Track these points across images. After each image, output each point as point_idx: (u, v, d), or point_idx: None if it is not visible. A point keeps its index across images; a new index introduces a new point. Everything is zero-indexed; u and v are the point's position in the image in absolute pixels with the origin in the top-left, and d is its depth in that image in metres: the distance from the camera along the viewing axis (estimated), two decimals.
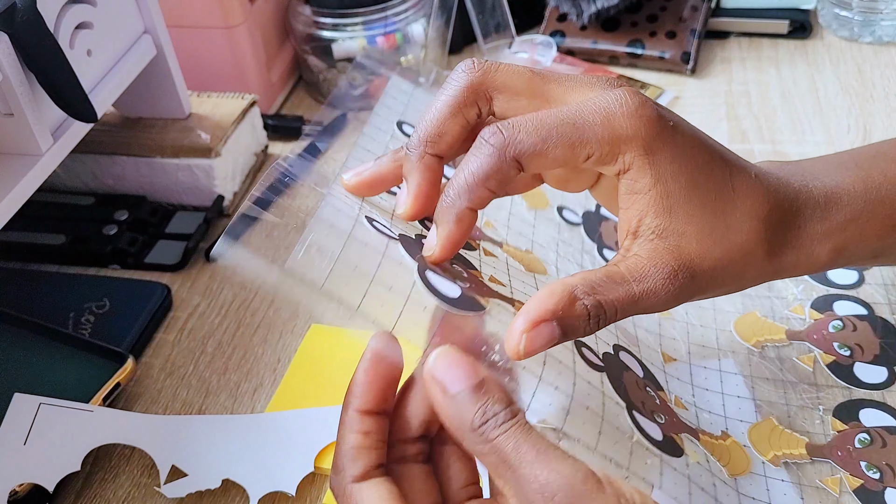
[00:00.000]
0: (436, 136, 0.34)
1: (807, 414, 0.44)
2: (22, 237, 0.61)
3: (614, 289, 0.33)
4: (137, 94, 0.61)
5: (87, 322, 0.54)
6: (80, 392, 0.47)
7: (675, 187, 0.34)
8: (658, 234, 0.34)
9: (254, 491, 0.43)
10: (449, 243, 0.34)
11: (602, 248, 0.54)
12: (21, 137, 0.48)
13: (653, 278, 0.33)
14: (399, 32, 0.72)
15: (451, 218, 0.33)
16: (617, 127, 0.33)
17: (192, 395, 0.51)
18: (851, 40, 0.78)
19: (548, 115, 0.33)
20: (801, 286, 0.51)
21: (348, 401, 0.32)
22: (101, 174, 0.64)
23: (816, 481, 0.42)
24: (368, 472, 0.31)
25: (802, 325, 0.49)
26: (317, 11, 0.72)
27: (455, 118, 0.35)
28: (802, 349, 0.48)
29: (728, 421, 0.44)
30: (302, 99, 0.78)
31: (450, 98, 0.35)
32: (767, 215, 0.36)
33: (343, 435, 0.32)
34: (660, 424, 0.41)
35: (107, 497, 0.46)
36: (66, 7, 0.50)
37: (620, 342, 0.45)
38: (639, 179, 0.34)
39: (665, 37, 0.76)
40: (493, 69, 0.35)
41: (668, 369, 0.46)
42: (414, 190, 0.35)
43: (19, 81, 0.47)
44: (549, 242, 0.52)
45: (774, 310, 0.50)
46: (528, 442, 0.29)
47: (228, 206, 0.64)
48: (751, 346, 0.48)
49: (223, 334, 0.55)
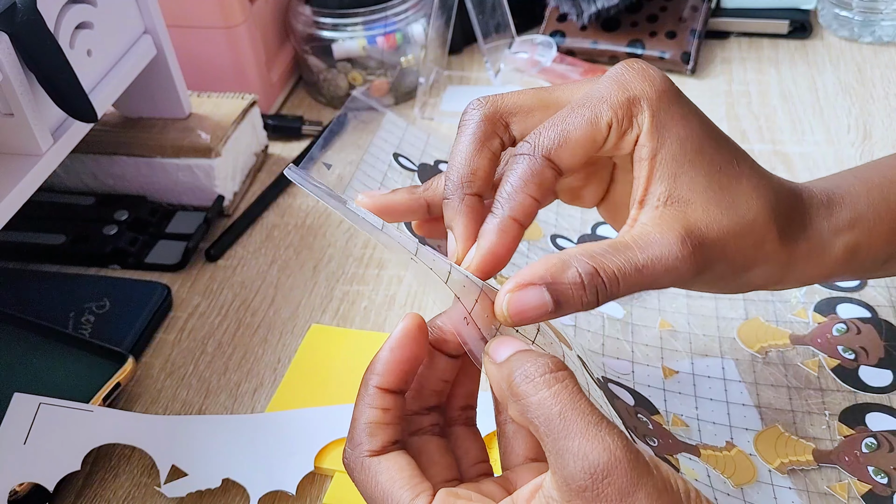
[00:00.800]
0: (470, 174, 0.34)
1: (813, 419, 0.44)
2: (22, 237, 0.61)
3: (615, 257, 0.31)
4: (137, 94, 0.61)
5: (87, 322, 0.54)
6: (80, 392, 0.47)
7: (681, 151, 0.34)
8: (664, 201, 0.33)
9: (254, 490, 0.43)
10: (491, 256, 0.32)
11: None
12: (21, 137, 0.48)
13: (658, 245, 0.32)
14: (399, 32, 0.72)
15: (494, 228, 0.32)
16: (629, 88, 0.34)
17: (192, 395, 0.51)
18: (851, 40, 0.78)
19: (563, 111, 0.34)
20: (804, 289, 0.51)
21: (368, 378, 0.32)
22: (101, 174, 0.64)
23: (824, 487, 0.41)
24: (386, 446, 0.31)
25: (806, 328, 0.49)
26: (317, 11, 0.72)
27: (482, 153, 0.34)
28: (807, 354, 0.47)
29: (733, 430, 0.44)
30: (302, 99, 0.78)
31: (470, 135, 0.34)
32: (773, 201, 0.35)
33: (361, 410, 0.32)
34: (652, 447, 0.41)
35: (107, 497, 0.46)
36: (67, 7, 0.50)
37: (608, 374, 0.45)
38: (647, 143, 0.34)
39: (665, 37, 0.76)
40: (499, 98, 0.35)
41: (669, 385, 0.46)
42: (464, 233, 0.33)
43: (19, 81, 0.47)
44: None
45: (777, 314, 0.50)
46: (577, 410, 0.28)
47: (228, 206, 0.64)
48: (754, 352, 0.48)
49: (223, 334, 0.55)
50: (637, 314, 0.50)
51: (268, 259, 0.61)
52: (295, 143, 0.71)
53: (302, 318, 0.55)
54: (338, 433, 0.46)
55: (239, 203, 0.65)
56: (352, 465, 0.32)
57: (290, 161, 0.68)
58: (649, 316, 0.50)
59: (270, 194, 0.66)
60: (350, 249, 0.60)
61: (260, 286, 0.58)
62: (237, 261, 0.61)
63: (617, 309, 0.51)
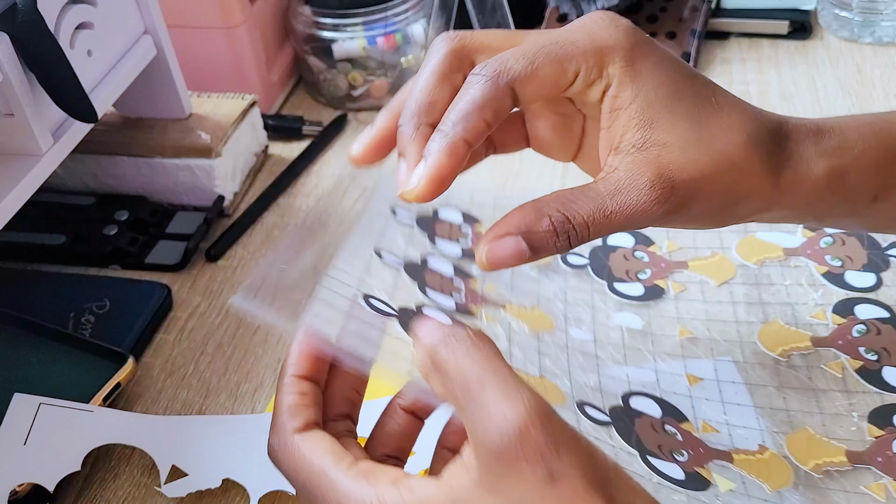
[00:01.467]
0: (428, 105, 0.33)
1: (841, 421, 0.44)
2: (22, 237, 0.61)
3: (585, 204, 0.32)
4: (137, 95, 0.61)
5: (88, 322, 0.54)
6: (80, 392, 0.47)
7: (656, 98, 0.33)
8: (638, 147, 0.33)
9: (254, 490, 0.43)
10: (437, 177, 0.32)
11: (613, 282, 0.53)
12: (21, 137, 0.48)
13: (628, 191, 0.32)
14: (399, 33, 0.72)
15: (443, 147, 0.32)
16: (599, 38, 0.33)
17: (193, 396, 0.51)
18: (851, 41, 0.78)
19: (533, 41, 0.34)
20: (821, 291, 0.51)
21: (284, 370, 0.33)
22: (101, 174, 0.64)
23: (861, 488, 0.41)
24: (309, 424, 0.32)
25: (826, 330, 0.48)
26: (317, 12, 0.72)
27: (443, 85, 0.34)
28: (829, 356, 0.47)
29: (763, 434, 0.43)
30: (302, 99, 0.78)
31: (434, 66, 0.34)
32: (755, 132, 0.34)
33: (281, 398, 0.32)
34: (681, 463, 0.40)
35: (107, 497, 0.46)
36: (67, 7, 0.50)
37: (633, 388, 0.44)
38: (620, 94, 0.33)
39: (665, 37, 0.76)
40: (469, 35, 0.35)
41: (695, 392, 0.46)
42: (416, 161, 0.33)
43: (19, 81, 0.47)
44: (556, 293, 0.52)
45: (797, 316, 0.49)
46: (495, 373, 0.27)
47: (229, 206, 0.64)
48: (777, 355, 0.47)
49: (223, 334, 0.55)
50: (656, 323, 0.50)
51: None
52: (295, 144, 0.71)
53: None
54: None
55: (239, 203, 0.65)
56: (277, 447, 0.32)
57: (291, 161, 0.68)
58: (668, 324, 0.50)
59: (270, 194, 0.66)
60: None
61: (260, 286, 0.58)
62: (237, 261, 0.61)
63: (635, 320, 0.50)
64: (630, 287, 0.52)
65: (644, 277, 0.53)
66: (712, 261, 0.53)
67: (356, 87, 0.74)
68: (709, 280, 0.52)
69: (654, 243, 0.55)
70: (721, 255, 0.54)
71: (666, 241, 0.55)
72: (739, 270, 0.53)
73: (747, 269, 0.53)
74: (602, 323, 0.50)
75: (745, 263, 0.53)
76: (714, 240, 0.55)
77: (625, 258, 0.54)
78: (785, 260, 0.53)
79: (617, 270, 0.54)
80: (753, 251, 0.54)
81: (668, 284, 0.52)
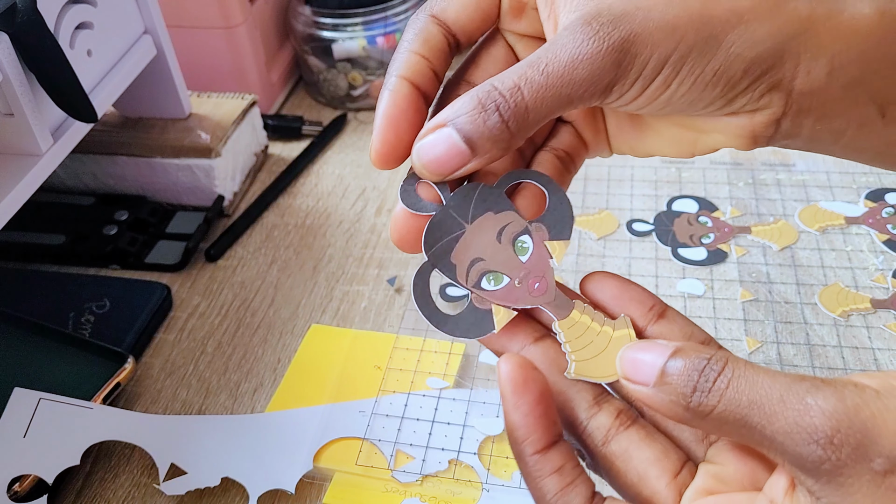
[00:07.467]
0: (405, 61, 0.30)
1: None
2: (22, 237, 0.61)
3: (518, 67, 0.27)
4: (137, 94, 0.61)
5: (88, 322, 0.54)
6: (80, 392, 0.47)
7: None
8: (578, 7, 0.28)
9: (253, 489, 0.43)
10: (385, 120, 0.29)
11: (677, 247, 0.56)
12: (21, 137, 0.49)
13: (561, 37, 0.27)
14: (399, 32, 0.72)
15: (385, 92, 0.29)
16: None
17: (192, 396, 0.51)
18: None
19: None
20: (881, 257, 0.54)
21: (519, 450, 0.27)
22: (101, 174, 0.64)
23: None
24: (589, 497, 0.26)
25: (886, 294, 0.52)
26: (317, 11, 0.72)
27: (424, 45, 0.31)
28: (888, 317, 0.50)
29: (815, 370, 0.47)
30: (302, 99, 0.78)
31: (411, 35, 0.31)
32: None
33: (538, 487, 0.27)
34: None
35: (107, 496, 0.46)
36: (67, 7, 0.50)
37: None
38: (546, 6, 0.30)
39: None
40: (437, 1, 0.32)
41: (754, 358, 0.48)
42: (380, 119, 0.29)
43: (19, 81, 0.47)
44: (620, 266, 0.55)
45: (857, 280, 0.53)
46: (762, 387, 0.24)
47: (228, 206, 0.64)
48: (836, 315, 0.51)
49: (223, 334, 0.55)
50: (717, 287, 0.53)
51: (268, 259, 0.61)
52: (295, 144, 0.71)
53: (302, 318, 0.55)
54: (337, 432, 0.46)
55: (239, 203, 0.66)
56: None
57: (291, 161, 0.69)
58: (730, 288, 0.53)
59: (270, 194, 0.66)
60: (350, 249, 0.60)
61: (260, 286, 0.58)
62: (237, 261, 0.61)
63: (697, 286, 0.53)
64: (694, 252, 0.56)
65: (707, 242, 0.56)
66: (775, 227, 0.57)
67: (356, 86, 0.74)
68: (771, 244, 0.56)
69: (717, 209, 0.59)
70: (783, 221, 0.57)
71: (729, 208, 0.59)
72: (802, 236, 0.56)
73: (809, 234, 0.56)
74: (664, 294, 0.53)
75: (807, 230, 0.57)
76: (777, 207, 0.59)
77: (689, 223, 0.58)
78: (846, 227, 0.57)
79: (681, 235, 0.57)
80: (815, 219, 0.57)
81: (731, 248, 0.56)
